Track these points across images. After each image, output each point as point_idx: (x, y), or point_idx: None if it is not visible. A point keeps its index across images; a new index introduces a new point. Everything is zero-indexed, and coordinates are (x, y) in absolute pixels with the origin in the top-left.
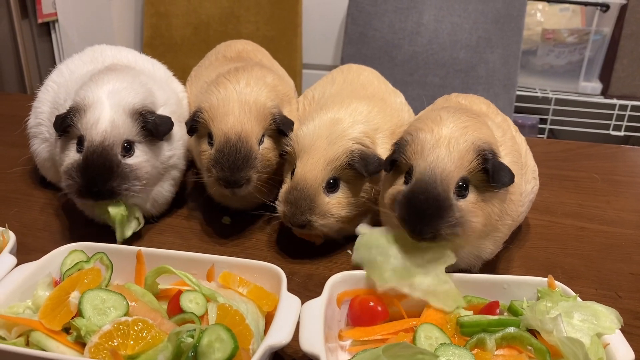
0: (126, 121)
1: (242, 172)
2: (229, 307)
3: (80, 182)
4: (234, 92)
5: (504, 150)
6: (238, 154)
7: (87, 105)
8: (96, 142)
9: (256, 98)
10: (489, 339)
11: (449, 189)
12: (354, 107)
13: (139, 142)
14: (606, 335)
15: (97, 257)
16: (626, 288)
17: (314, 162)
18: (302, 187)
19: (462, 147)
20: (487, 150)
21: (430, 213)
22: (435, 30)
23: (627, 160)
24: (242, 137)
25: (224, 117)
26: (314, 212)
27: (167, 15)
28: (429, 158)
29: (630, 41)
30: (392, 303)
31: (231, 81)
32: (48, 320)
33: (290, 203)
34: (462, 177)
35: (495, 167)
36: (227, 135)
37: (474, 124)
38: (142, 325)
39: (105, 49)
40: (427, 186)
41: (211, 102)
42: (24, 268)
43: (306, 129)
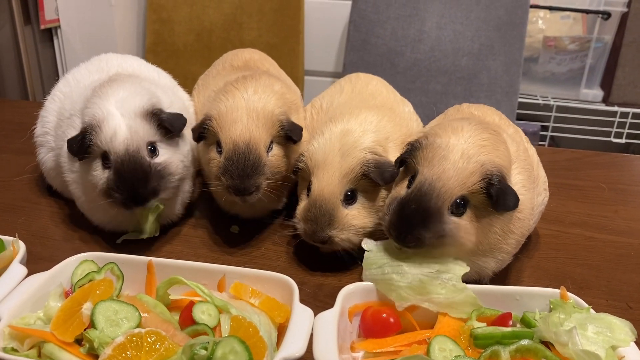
0: (142, 124)
1: (252, 179)
2: (243, 319)
3: (121, 195)
4: (242, 99)
5: (518, 167)
6: (247, 161)
7: (99, 121)
8: (121, 152)
9: (264, 105)
10: (503, 351)
11: (444, 205)
12: (364, 117)
13: (160, 141)
14: (621, 347)
15: (108, 267)
16: (637, 299)
17: (329, 176)
18: (320, 203)
19: (471, 167)
20: (495, 175)
21: (416, 223)
22: (437, 37)
23: (634, 169)
24: (251, 145)
25: (232, 125)
26: (334, 227)
27: (170, 22)
28: (435, 169)
29: (632, 49)
30: (404, 314)
31: (239, 89)
32: (60, 331)
33: (310, 220)
34: (461, 195)
35: (500, 193)
36: (235, 142)
37: (492, 143)
38: (156, 337)
39: (111, 57)
40: (422, 198)
41: (219, 110)
42: (35, 278)
43: (317, 144)
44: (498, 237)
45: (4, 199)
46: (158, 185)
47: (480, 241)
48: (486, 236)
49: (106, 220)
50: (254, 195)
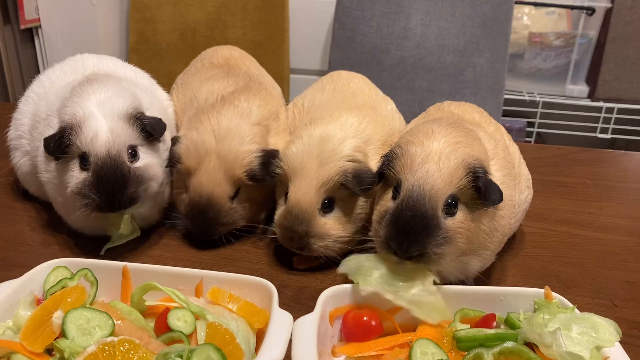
0: (124, 127)
1: (214, 228)
2: (219, 325)
3: (98, 198)
4: (212, 139)
5: (496, 164)
6: (206, 214)
7: (80, 121)
8: (102, 155)
9: (235, 154)
10: (487, 354)
11: (438, 207)
12: (344, 120)
13: (141, 145)
14: (606, 347)
15: (82, 274)
16: (622, 297)
17: (307, 184)
18: (297, 212)
19: (453, 163)
20: (478, 168)
21: (417, 231)
22: (422, 34)
23: (619, 165)
24: (213, 199)
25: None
26: (311, 235)
27: (153, 21)
28: (418, 173)
29: (616, 44)
30: (386, 317)
31: (210, 118)
32: (30, 342)
33: (287, 228)
34: (451, 194)
35: (487, 185)
36: (198, 194)
37: (466, 139)
38: (129, 346)
39: (87, 58)
40: (415, 203)
41: (187, 145)
42: (5, 286)
43: (295, 149)
44: (485, 236)
45: None
46: (136, 192)
47: (471, 241)
48: (476, 235)
49: (84, 222)
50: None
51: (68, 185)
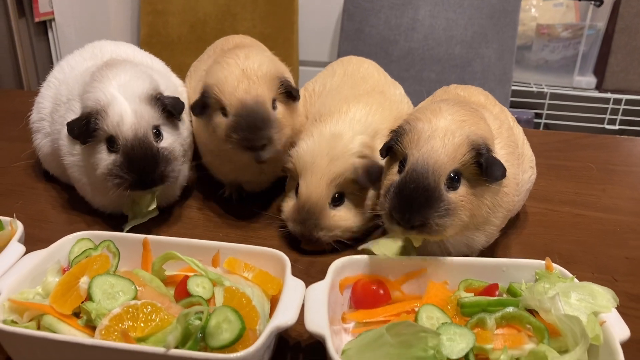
0: (146, 108)
1: (263, 131)
2: (236, 289)
3: (130, 177)
4: (237, 65)
5: (500, 142)
6: (257, 115)
7: (104, 106)
8: (130, 137)
9: (259, 66)
10: (489, 319)
11: (440, 180)
12: (352, 115)
13: (164, 125)
14: (603, 313)
15: (104, 245)
16: (622, 272)
17: (317, 180)
18: (309, 207)
19: (457, 140)
20: (482, 145)
21: (420, 202)
22: (430, 26)
23: (622, 150)
24: (258, 101)
25: (235, 87)
26: (322, 228)
27: (164, 13)
28: (424, 148)
29: (624, 35)
30: (394, 287)
31: (232, 57)
32: (59, 304)
33: (299, 222)
34: (454, 169)
35: (489, 162)
36: (242, 101)
37: (471, 118)
38: (151, 309)
39: (105, 44)
40: (419, 176)
41: (218, 78)
42: (33, 256)
43: (306, 146)
44: (488, 210)
45: (2, 184)
46: (165, 170)
47: (473, 214)
48: (479, 209)
49: (106, 202)
50: (267, 151)
51: (97, 167)
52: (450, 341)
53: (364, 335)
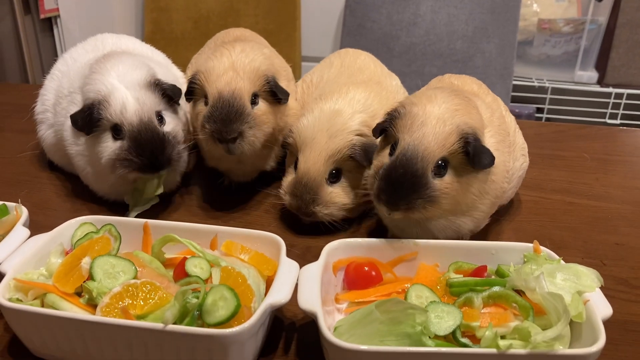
0: (147, 94)
1: (234, 124)
2: (232, 269)
3: (139, 160)
4: (230, 57)
5: (491, 131)
6: (230, 107)
7: (106, 96)
8: (135, 122)
9: (250, 61)
10: (476, 298)
11: (428, 167)
12: (352, 96)
13: (165, 110)
14: (587, 293)
15: (106, 229)
16: (611, 257)
17: (316, 155)
18: (306, 180)
19: (447, 129)
20: (470, 134)
21: (407, 187)
22: (432, 21)
23: (617, 140)
24: (235, 94)
25: (218, 77)
26: (318, 203)
27: (168, 10)
28: (415, 134)
29: (626, 30)
30: (386, 269)
31: (227, 49)
32: (62, 284)
33: (296, 196)
34: (442, 157)
35: (476, 151)
36: (220, 92)
37: (464, 107)
38: (150, 287)
39: (107, 37)
40: (408, 161)
41: (207, 66)
42: (37, 239)
43: (306, 121)
44: (474, 197)
45: (7, 173)
46: (172, 153)
47: (459, 201)
48: (464, 196)
49: (110, 190)
50: (238, 145)
51: (102, 156)
52: (438, 318)
53: (355, 312)
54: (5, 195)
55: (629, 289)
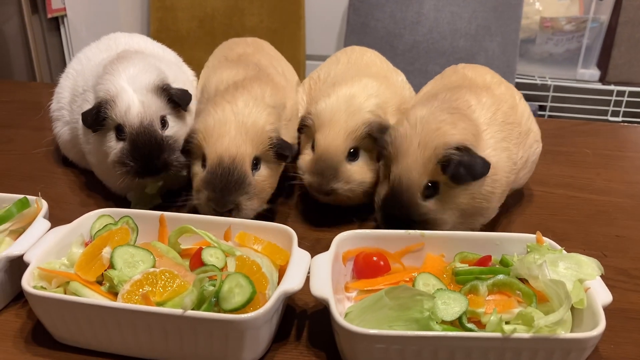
0: (153, 98)
1: (232, 196)
2: (247, 258)
3: (135, 164)
4: (231, 113)
5: (491, 131)
6: (230, 176)
7: (113, 96)
8: (136, 125)
9: (254, 121)
10: (481, 285)
11: (415, 194)
12: (365, 83)
13: (170, 114)
14: (588, 281)
15: (124, 221)
16: (612, 248)
17: (335, 133)
18: (326, 157)
19: (427, 153)
20: (453, 153)
21: (401, 217)
22: (435, 19)
23: (618, 136)
24: (237, 161)
25: (218, 140)
26: (339, 179)
27: (173, 9)
28: (400, 165)
29: (627, 28)
30: (394, 259)
31: (229, 102)
32: (84, 272)
33: (316, 173)
34: (428, 180)
35: (462, 167)
36: (220, 157)
37: (450, 122)
38: (169, 275)
39: (120, 36)
40: (396, 193)
41: (207, 123)
42: (58, 230)
43: (324, 104)
44: (481, 201)
45: (24, 169)
46: (170, 158)
47: (465, 209)
48: (469, 205)
49: (121, 186)
50: (233, 214)
51: (108, 155)
52: (445, 305)
53: (365, 299)
54: (22, 189)
55: (629, 278)
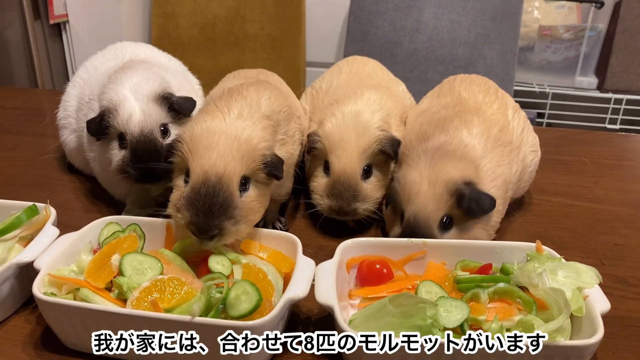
0: (154, 107)
1: (216, 220)
2: (253, 265)
3: (135, 171)
4: (223, 124)
5: (486, 157)
6: (215, 197)
7: (116, 105)
8: (136, 133)
9: (248, 137)
10: (482, 293)
11: (433, 227)
12: (367, 97)
13: (172, 123)
14: (586, 289)
15: (131, 228)
16: (610, 256)
17: (349, 154)
18: (344, 180)
19: (439, 190)
20: (462, 188)
21: None
22: (434, 27)
23: (616, 145)
24: (223, 180)
25: (204, 153)
26: (358, 199)
27: (174, 16)
28: (414, 205)
29: (625, 36)
30: (396, 267)
31: (222, 110)
32: (93, 279)
33: (335, 196)
34: (443, 215)
35: (472, 202)
36: (206, 174)
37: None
38: (177, 282)
39: (126, 45)
40: (413, 230)
41: (193, 133)
42: (67, 237)
43: (331, 125)
44: (491, 230)
45: (30, 175)
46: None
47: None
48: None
49: (123, 193)
50: (215, 241)
51: (110, 163)
52: (447, 312)
53: (369, 306)
54: (29, 196)
55: (626, 287)
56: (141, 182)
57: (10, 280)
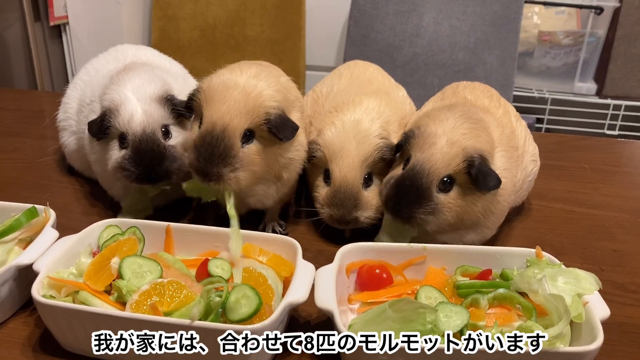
0: (156, 108)
1: (215, 167)
2: (253, 269)
3: (137, 170)
4: (239, 80)
5: (500, 151)
6: (216, 147)
7: (117, 105)
8: (139, 133)
9: (258, 93)
10: (482, 299)
11: (433, 183)
12: (366, 105)
13: (173, 124)
14: (586, 295)
15: (131, 231)
16: (609, 262)
17: (349, 163)
18: (345, 188)
19: (454, 150)
20: (475, 158)
21: (411, 198)
22: (434, 32)
23: (615, 151)
24: (227, 132)
25: (217, 105)
26: (359, 208)
27: (175, 18)
28: (425, 153)
29: (624, 43)
30: (396, 271)
31: (241, 68)
32: (92, 281)
33: (337, 205)
34: (447, 174)
35: (480, 173)
36: (214, 125)
37: (474, 131)
38: (176, 286)
39: (127, 48)
40: (415, 175)
41: (211, 84)
42: (66, 240)
43: (331, 134)
44: (479, 215)
45: (30, 177)
46: (171, 167)
47: (462, 218)
48: (469, 213)
49: (123, 195)
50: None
51: (109, 163)
52: (447, 317)
53: (368, 311)
54: (28, 198)
55: (626, 293)
56: (141, 181)
57: (9, 283)
